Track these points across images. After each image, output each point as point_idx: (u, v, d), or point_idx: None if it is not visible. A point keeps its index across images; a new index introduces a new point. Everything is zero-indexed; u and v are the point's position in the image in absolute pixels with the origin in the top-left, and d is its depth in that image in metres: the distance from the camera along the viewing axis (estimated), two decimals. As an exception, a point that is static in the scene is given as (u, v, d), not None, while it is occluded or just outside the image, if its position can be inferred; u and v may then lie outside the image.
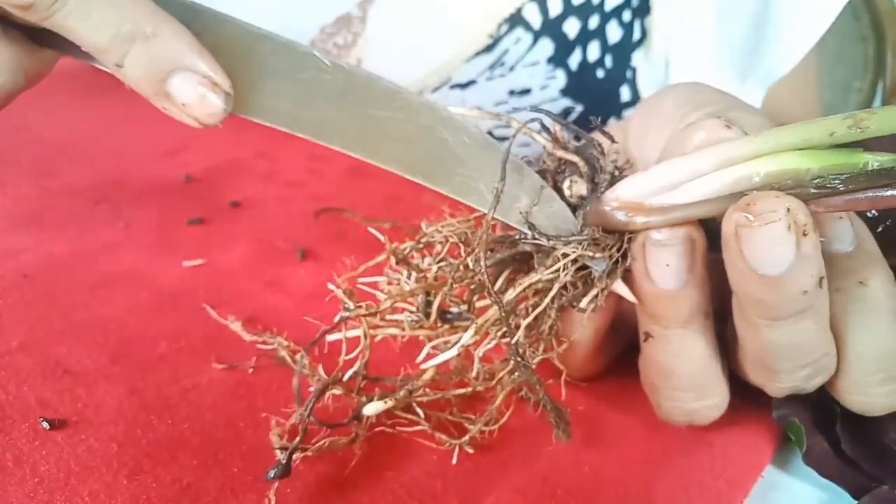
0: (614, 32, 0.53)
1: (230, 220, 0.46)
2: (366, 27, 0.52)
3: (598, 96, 0.54)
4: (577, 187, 0.29)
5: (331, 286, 0.30)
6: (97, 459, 0.27)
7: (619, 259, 0.28)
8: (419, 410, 0.30)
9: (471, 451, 0.30)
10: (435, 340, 0.29)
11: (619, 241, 0.28)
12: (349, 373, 0.29)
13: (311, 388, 0.30)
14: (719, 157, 0.26)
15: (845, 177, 0.25)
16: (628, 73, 0.55)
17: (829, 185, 0.25)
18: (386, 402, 0.28)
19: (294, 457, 0.27)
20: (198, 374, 0.32)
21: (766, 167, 0.25)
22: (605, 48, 0.53)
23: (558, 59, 0.53)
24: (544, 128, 0.30)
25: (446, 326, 0.30)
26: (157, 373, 0.32)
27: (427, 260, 0.31)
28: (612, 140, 0.30)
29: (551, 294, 0.28)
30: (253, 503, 0.26)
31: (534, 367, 0.28)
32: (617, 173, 0.29)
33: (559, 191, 0.30)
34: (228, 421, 0.30)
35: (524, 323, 0.28)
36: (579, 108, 0.54)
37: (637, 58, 0.54)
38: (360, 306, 0.29)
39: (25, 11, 0.24)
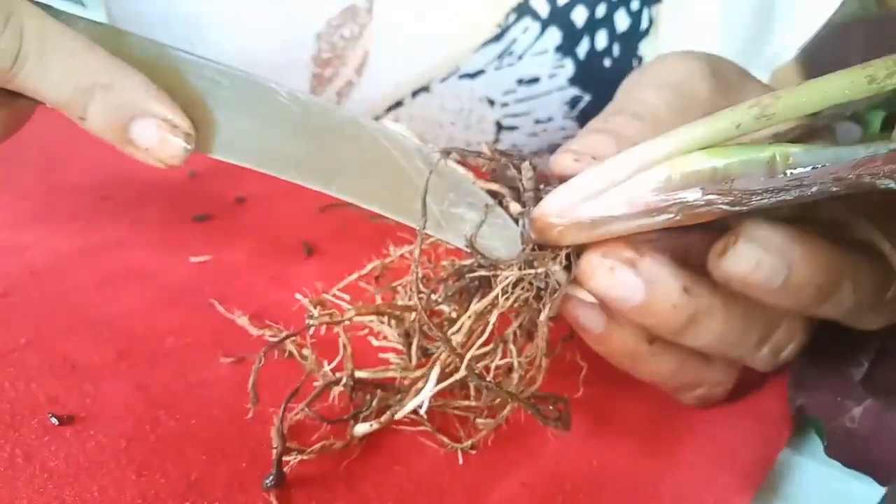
0: (622, 21, 0.53)
1: (236, 217, 0.46)
2: (372, 18, 0.51)
3: (605, 85, 0.54)
4: (512, 207, 0.29)
5: (298, 296, 0.32)
6: (106, 455, 0.27)
7: (565, 269, 0.28)
8: (422, 414, 0.30)
9: (473, 452, 0.30)
10: (405, 405, 0.29)
11: (556, 254, 0.28)
12: (344, 380, 0.30)
13: (316, 384, 0.30)
14: (633, 163, 0.25)
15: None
16: (635, 63, 0.54)
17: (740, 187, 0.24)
18: (371, 426, 0.28)
19: (290, 459, 0.27)
20: (205, 370, 0.32)
21: (681, 168, 0.25)
22: (613, 37, 0.53)
23: (566, 48, 0.52)
24: (462, 163, 0.30)
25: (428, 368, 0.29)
26: (165, 368, 0.32)
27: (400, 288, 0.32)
28: (522, 159, 0.30)
29: (493, 318, 0.28)
30: (261, 498, 0.26)
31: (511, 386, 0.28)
32: (542, 187, 0.29)
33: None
34: (236, 416, 0.30)
35: (468, 354, 0.27)
36: (587, 98, 0.54)
37: (644, 47, 0.54)
38: (326, 314, 0.29)
39: None
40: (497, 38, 0.52)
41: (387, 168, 0.29)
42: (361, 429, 0.28)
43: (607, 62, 0.53)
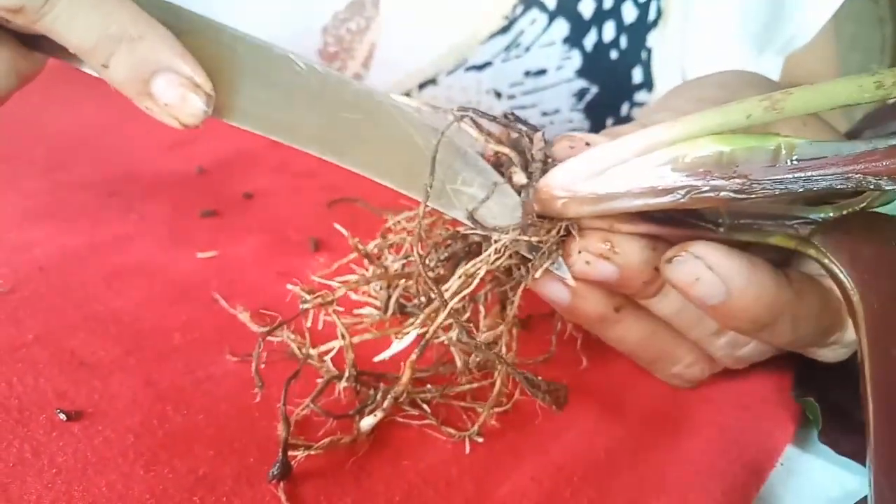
0: (630, 12, 0.53)
1: (243, 212, 0.46)
2: (379, 11, 0.51)
3: (611, 77, 0.54)
4: (516, 177, 0.30)
5: (289, 286, 0.32)
6: (114, 450, 0.27)
7: (558, 243, 0.29)
8: (425, 406, 0.31)
9: (480, 440, 0.30)
10: (394, 331, 0.30)
11: (556, 226, 0.29)
12: (347, 373, 0.30)
13: (319, 380, 0.30)
14: (643, 143, 0.26)
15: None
16: (643, 54, 0.54)
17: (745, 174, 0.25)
18: (375, 416, 0.29)
19: (297, 454, 0.27)
20: (212, 365, 0.32)
21: (689, 152, 0.25)
22: (621, 28, 0.53)
23: (574, 40, 0.52)
24: (476, 124, 0.30)
25: (411, 320, 0.30)
26: (172, 364, 0.32)
27: (391, 257, 0.32)
28: (535, 129, 0.30)
29: (478, 277, 0.28)
30: (268, 492, 0.26)
31: (499, 349, 0.29)
32: (550, 161, 0.29)
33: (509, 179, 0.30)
34: (243, 411, 0.30)
35: (451, 302, 0.28)
36: (594, 90, 0.54)
37: (653, 38, 0.54)
38: (318, 296, 0.30)
39: (15, 15, 0.25)
40: (504, 29, 0.52)
41: (400, 142, 0.29)
42: (367, 422, 0.28)
43: (614, 54, 0.53)
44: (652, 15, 0.53)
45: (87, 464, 0.26)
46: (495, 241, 0.28)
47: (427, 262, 0.30)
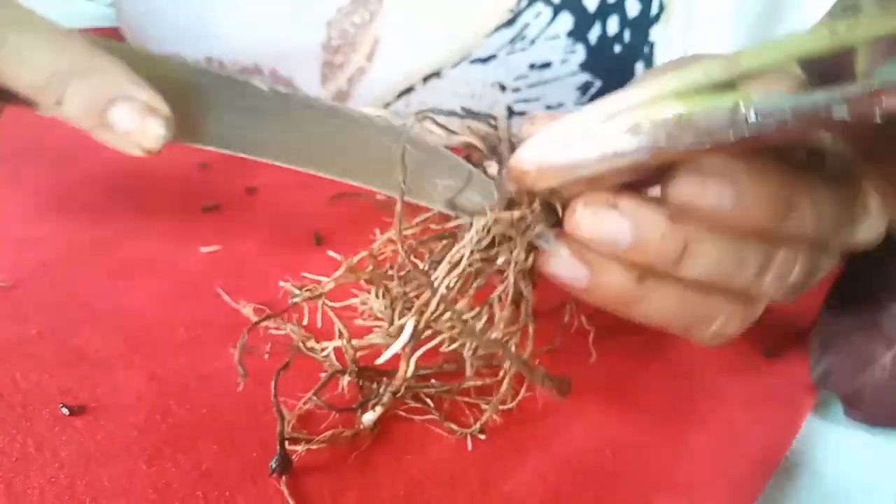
0: (633, 6, 0.53)
1: (246, 207, 0.46)
2: (382, 5, 0.51)
3: (615, 71, 0.54)
4: (490, 168, 0.30)
5: (282, 283, 0.32)
6: (117, 445, 0.27)
7: (542, 216, 0.28)
8: (428, 401, 0.30)
9: (483, 437, 0.30)
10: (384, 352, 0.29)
11: (532, 200, 0.28)
12: (350, 367, 0.30)
13: (323, 374, 0.30)
14: (603, 111, 0.26)
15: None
16: (645, 49, 0.54)
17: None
18: (376, 410, 0.28)
19: (299, 448, 0.27)
20: (216, 361, 0.32)
21: (649, 115, 0.25)
22: (624, 22, 0.53)
23: (578, 33, 0.52)
24: (437, 123, 0.31)
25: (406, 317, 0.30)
26: (176, 359, 0.32)
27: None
28: (492, 117, 0.31)
29: (463, 262, 0.28)
30: (272, 487, 0.26)
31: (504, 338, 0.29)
32: (515, 141, 0.30)
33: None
34: (247, 406, 0.30)
35: (441, 288, 0.28)
36: (598, 84, 0.54)
37: (655, 32, 0.54)
38: (307, 289, 0.30)
39: None
40: (509, 22, 0.51)
41: (370, 146, 0.31)
42: (369, 417, 0.28)
43: (618, 48, 0.53)
44: (654, 10, 0.53)
45: (90, 458, 0.26)
46: (476, 224, 0.28)
47: (422, 266, 0.30)
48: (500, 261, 0.29)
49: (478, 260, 0.28)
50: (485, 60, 0.52)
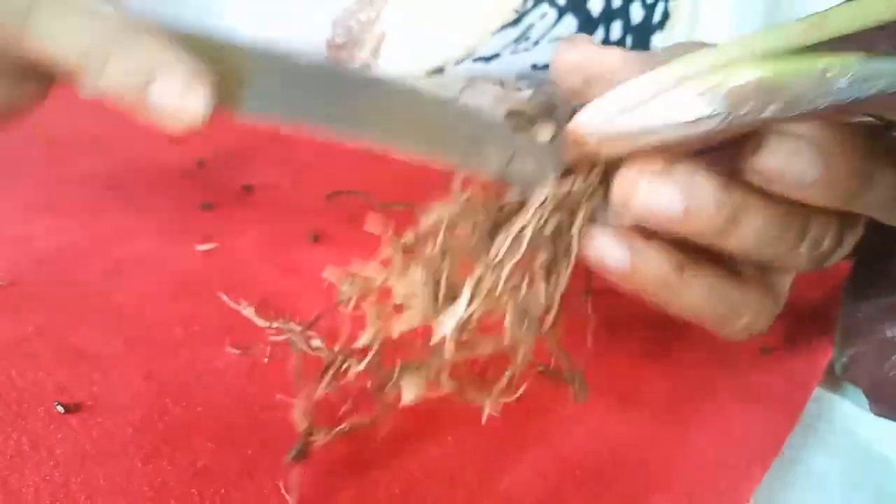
0: (637, 13, 0.53)
1: (243, 205, 0.45)
2: (388, 2, 0.51)
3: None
4: (543, 132, 0.28)
5: (325, 274, 0.30)
6: (113, 443, 0.27)
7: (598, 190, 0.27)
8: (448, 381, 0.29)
9: (503, 402, 0.28)
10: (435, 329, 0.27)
11: (591, 169, 0.27)
12: (367, 359, 0.28)
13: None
14: (676, 74, 0.24)
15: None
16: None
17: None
18: (415, 385, 0.27)
19: (314, 438, 0.26)
20: (213, 359, 0.32)
21: (727, 79, 0.24)
22: (627, 28, 0.53)
23: None
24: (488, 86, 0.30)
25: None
26: (173, 357, 0.32)
27: (429, 250, 0.29)
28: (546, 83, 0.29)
29: (526, 238, 0.26)
30: (269, 485, 0.26)
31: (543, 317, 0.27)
32: (574, 104, 0.28)
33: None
34: (244, 405, 0.29)
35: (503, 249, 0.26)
36: None
37: (657, 39, 0.54)
38: (355, 284, 0.28)
39: None
40: (514, 22, 0.52)
41: (419, 114, 0.29)
42: (411, 387, 0.27)
43: None
44: (657, 17, 0.53)
45: (86, 456, 0.26)
46: (534, 200, 0.27)
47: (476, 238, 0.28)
48: (550, 232, 0.27)
49: (538, 232, 0.27)
50: (488, 59, 0.53)
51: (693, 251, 0.28)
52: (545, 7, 0.51)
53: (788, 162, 0.24)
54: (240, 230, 0.42)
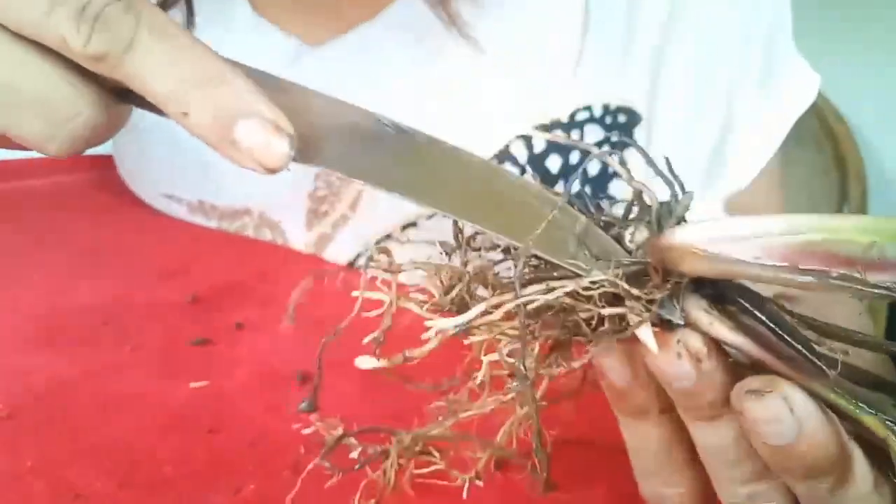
0: (593, 166, 0.58)
1: (234, 342, 0.47)
2: None
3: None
4: (639, 235, 0.29)
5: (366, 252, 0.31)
6: (106, 586, 0.28)
7: (659, 302, 0.28)
8: (435, 452, 0.32)
9: (479, 483, 0.31)
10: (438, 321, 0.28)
11: (665, 282, 0.28)
12: (370, 336, 0.29)
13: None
14: (790, 224, 0.26)
15: None
16: (604, 203, 0.59)
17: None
18: (380, 360, 0.28)
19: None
20: (202, 500, 0.33)
21: (836, 237, 0.25)
22: (585, 181, 0.58)
23: None
24: (621, 163, 0.31)
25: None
26: (163, 497, 0.33)
27: (473, 254, 0.31)
28: (682, 185, 0.31)
29: (561, 290, 0.27)
30: None
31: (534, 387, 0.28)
32: (683, 218, 0.29)
33: (620, 240, 0.30)
34: (233, 548, 0.31)
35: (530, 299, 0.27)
36: None
37: (614, 188, 0.59)
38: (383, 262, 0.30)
39: (97, 63, 0.25)
40: None
41: (497, 193, 0.29)
42: (367, 361, 0.28)
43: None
44: (612, 168, 0.58)
45: None
46: (593, 275, 0.27)
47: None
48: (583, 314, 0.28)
49: (570, 302, 0.28)
50: None
51: None
52: (507, 166, 0.56)
53: (769, 421, 0.26)
54: (230, 369, 0.44)
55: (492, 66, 0.54)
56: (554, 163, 0.57)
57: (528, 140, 0.56)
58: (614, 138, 0.58)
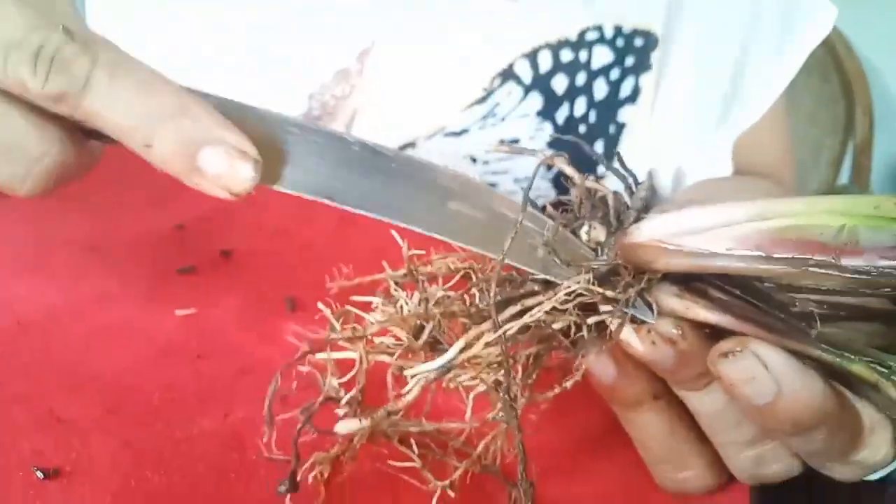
0: (601, 89, 0.56)
1: (221, 270, 0.47)
2: (363, 79, 0.54)
3: (577, 150, 0.57)
4: (595, 233, 0.29)
5: (321, 305, 0.31)
6: (91, 511, 0.28)
7: (633, 301, 0.28)
8: (415, 447, 0.31)
9: (452, 494, 0.30)
10: (416, 367, 0.28)
11: (636, 280, 0.28)
12: (347, 396, 0.29)
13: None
14: (756, 210, 0.26)
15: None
16: (611, 129, 0.57)
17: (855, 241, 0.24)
18: (361, 422, 0.28)
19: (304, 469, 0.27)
20: (190, 426, 0.33)
21: (806, 221, 0.25)
22: (591, 104, 0.56)
23: (546, 113, 0.55)
24: (570, 162, 0.31)
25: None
26: (151, 425, 0.33)
27: (433, 288, 0.30)
28: (635, 179, 0.30)
29: (540, 312, 0.27)
30: (243, 555, 0.27)
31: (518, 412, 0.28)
32: (643, 211, 0.29)
33: (576, 236, 0.30)
34: (221, 472, 0.30)
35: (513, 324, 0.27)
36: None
37: (626, 113, 0.57)
38: (350, 328, 0.29)
39: (57, 102, 0.25)
40: (482, 100, 0.54)
41: (466, 205, 0.29)
42: (346, 425, 0.28)
43: (582, 128, 0.56)
44: (626, 91, 0.57)
45: (66, 525, 0.27)
46: (566, 286, 0.27)
47: (474, 299, 0.29)
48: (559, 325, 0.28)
49: (550, 318, 0.28)
50: (458, 134, 0.55)
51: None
52: (511, 85, 0.54)
53: (744, 380, 0.26)
54: (218, 296, 0.43)
55: None
56: (560, 83, 0.55)
57: (533, 59, 0.54)
58: (628, 62, 0.56)
